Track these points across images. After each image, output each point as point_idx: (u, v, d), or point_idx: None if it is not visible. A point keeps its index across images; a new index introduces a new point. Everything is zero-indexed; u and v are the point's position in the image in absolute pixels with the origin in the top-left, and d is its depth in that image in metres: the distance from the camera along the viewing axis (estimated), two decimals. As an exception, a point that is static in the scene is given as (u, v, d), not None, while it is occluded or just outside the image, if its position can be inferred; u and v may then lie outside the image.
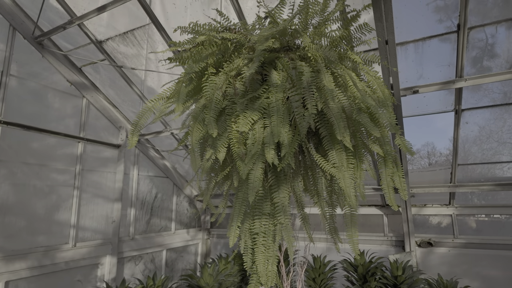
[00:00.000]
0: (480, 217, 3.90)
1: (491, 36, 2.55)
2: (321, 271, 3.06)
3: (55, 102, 3.27)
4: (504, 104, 2.82)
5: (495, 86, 2.90)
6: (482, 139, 3.61)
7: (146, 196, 4.35)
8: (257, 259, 1.84)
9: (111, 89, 3.79)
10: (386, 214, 4.26)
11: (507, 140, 3.45)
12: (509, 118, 3.28)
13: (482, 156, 3.62)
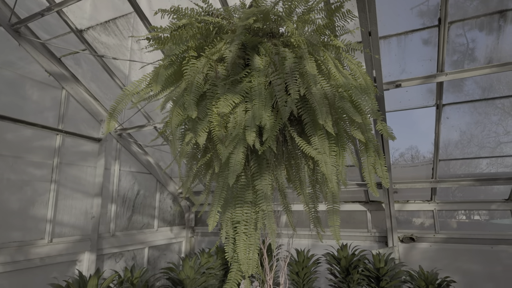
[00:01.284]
0: (461, 216, 3.99)
1: (470, 31, 2.60)
2: (305, 265, 3.04)
3: (33, 93, 3.15)
4: (482, 99, 2.88)
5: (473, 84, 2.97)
6: (463, 143, 3.71)
7: (128, 192, 4.24)
8: (238, 247, 1.80)
9: (93, 83, 3.69)
10: (369, 210, 4.29)
11: (487, 145, 3.57)
12: (489, 123, 3.40)
13: (463, 159, 3.71)
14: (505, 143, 3.31)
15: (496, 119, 3.15)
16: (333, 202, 1.85)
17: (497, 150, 3.38)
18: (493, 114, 3.14)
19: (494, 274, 3.56)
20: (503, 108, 3.09)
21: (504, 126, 3.22)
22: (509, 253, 3.54)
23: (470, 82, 3.01)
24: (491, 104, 2.94)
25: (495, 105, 3.08)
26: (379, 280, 2.68)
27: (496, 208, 3.68)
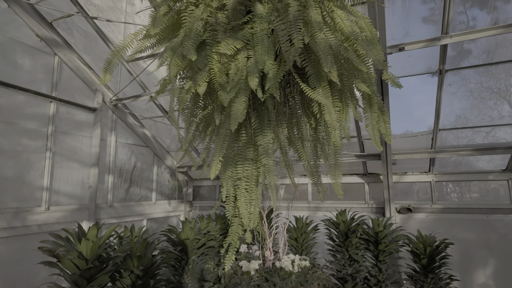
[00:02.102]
0: (458, 187, 4.01)
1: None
2: (303, 230, 3.06)
3: (23, 58, 3.04)
4: (486, 64, 2.83)
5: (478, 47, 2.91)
6: (458, 123, 3.74)
7: (125, 164, 4.20)
8: (239, 202, 1.78)
9: (86, 54, 3.57)
10: (367, 183, 4.31)
11: (481, 129, 3.61)
12: (484, 107, 3.41)
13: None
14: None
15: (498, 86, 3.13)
16: (335, 155, 1.82)
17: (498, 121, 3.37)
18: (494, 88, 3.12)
19: (489, 242, 3.62)
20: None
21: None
22: (504, 222, 3.59)
23: (474, 47, 2.96)
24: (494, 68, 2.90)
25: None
26: (378, 243, 2.70)
27: (493, 178, 3.70)
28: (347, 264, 2.83)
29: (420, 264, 2.57)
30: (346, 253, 2.85)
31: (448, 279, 2.52)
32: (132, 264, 1.63)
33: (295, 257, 2.67)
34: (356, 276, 2.77)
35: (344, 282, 2.81)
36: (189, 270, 2.36)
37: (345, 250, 2.86)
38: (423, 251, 2.52)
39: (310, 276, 2.45)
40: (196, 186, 5.51)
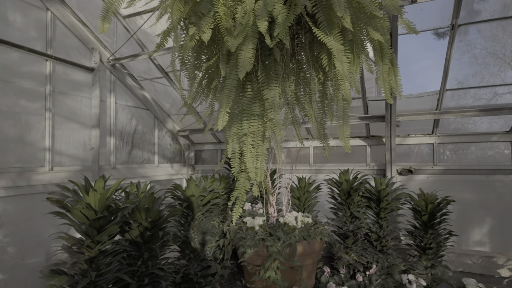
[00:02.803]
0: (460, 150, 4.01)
1: None
2: (306, 190, 3.09)
3: (14, 14, 2.87)
4: (501, 18, 2.70)
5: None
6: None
7: (125, 127, 4.16)
8: (245, 157, 1.77)
9: (80, 11, 3.39)
10: (369, 145, 4.31)
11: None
12: (487, 74, 3.32)
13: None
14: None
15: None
16: (343, 110, 1.77)
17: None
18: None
19: (487, 202, 3.69)
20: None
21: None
22: (504, 182, 3.63)
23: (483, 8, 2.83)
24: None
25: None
26: (380, 201, 2.74)
27: (496, 139, 3.69)
28: (349, 221, 2.90)
29: (421, 220, 2.63)
30: (347, 211, 2.91)
31: (447, 234, 2.59)
32: (140, 216, 1.65)
33: (298, 214, 2.72)
34: (357, 232, 2.85)
35: (345, 238, 2.89)
36: (195, 226, 2.40)
37: (346, 208, 2.91)
38: (424, 208, 2.57)
39: (313, 231, 2.51)
40: (198, 150, 5.51)
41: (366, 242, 2.90)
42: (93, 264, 1.46)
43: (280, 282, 2.23)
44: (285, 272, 2.32)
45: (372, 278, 2.64)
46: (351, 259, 2.78)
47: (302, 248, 2.36)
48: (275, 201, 2.92)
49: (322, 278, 2.77)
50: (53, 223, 2.87)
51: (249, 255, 2.32)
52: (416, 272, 2.64)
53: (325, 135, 2.07)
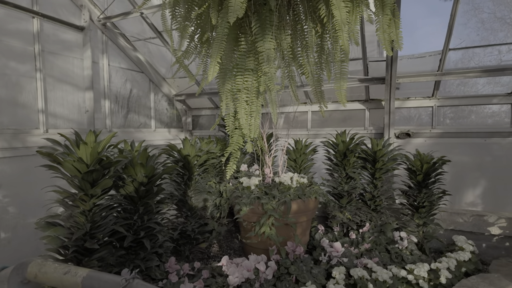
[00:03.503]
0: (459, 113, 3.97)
1: None
2: (302, 152, 3.10)
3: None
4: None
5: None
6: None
7: (120, 90, 4.08)
8: (239, 113, 1.74)
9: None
10: (368, 109, 4.26)
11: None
12: (494, 40, 3.18)
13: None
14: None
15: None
16: (341, 64, 1.71)
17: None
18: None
19: (483, 165, 3.72)
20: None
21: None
22: (501, 145, 3.63)
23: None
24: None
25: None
26: (375, 162, 2.75)
27: (497, 102, 3.64)
28: (344, 182, 2.93)
29: (415, 180, 2.65)
30: (343, 172, 2.93)
31: (441, 193, 2.62)
32: (134, 171, 1.65)
33: (293, 174, 2.74)
34: (352, 192, 2.89)
35: (340, 197, 2.94)
36: (191, 185, 2.43)
37: (342, 169, 2.92)
38: (419, 168, 2.58)
39: (308, 191, 2.54)
40: (195, 115, 5.46)
41: (360, 202, 2.96)
42: (88, 217, 1.48)
43: (274, 237, 2.29)
44: (279, 228, 2.38)
45: (365, 236, 2.72)
46: (345, 217, 2.84)
47: (297, 206, 2.40)
48: (271, 163, 2.93)
49: (316, 235, 2.85)
50: (54, 183, 2.90)
51: (244, 212, 2.36)
52: (408, 229, 2.71)
53: (321, 92, 2.02)
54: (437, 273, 2.27)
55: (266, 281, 1.97)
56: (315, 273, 2.19)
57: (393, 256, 2.50)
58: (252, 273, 1.94)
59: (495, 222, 2.70)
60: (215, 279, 2.02)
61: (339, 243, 2.39)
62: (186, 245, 2.42)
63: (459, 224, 2.79)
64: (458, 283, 2.18)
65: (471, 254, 2.49)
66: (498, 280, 2.19)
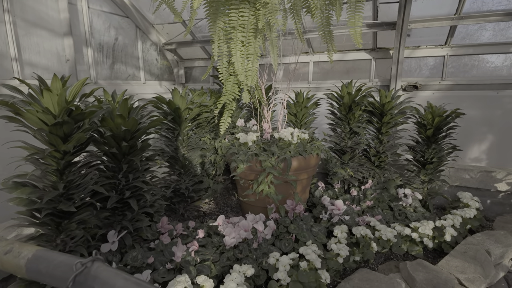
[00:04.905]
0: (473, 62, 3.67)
1: None
2: (303, 105, 2.87)
3: None
4: None
5: None
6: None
7: (103, 37, 3.70)
8: (234, 56, 1.48)
9: None
10: (375, 59, 3.94)
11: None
12: None
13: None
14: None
15: None
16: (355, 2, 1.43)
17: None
18: None
19: (492, 119, 3.53)
20: None
21: None
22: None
23: None
24: None
25: None
26: (383, 115, 2.55)
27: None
28: (347, 137, 2.75)
29: (425, 135, 2.47)
30: (347, 127, 2.73)
31: (451, 149, 2.46)
32: (114, 125, 1.43)
33: (294, 129, 2.55)
34: (355, 148, 2.73)
35: (342, 154, 2.78)
36: (183, 141, 2.24)
37: (346, 123, 2.73)
38: (430, 121, 2.38)
39: (309, 146, 2.36)
40: (187, 67, 5.10)
41: (364, 158, 2.81)
42: (63, 176, 1.30)
43: (273, 195, 2.16)
44: (278, 186, 2.25)
45: (367, 192, 2.61)
46: (346, 174, 2.71)
47: (297, 163, 2.24)
48: (270, 118, 2.72)
49: (316, 192, 2.74)
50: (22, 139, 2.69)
51: (241, 170, 2.21)
52: (413, 186, 2.59)
53: (330, 33, 1.74)
54: (442, 231, 2.19)
55: (264, 241, 1.87)
56: (315, 231, 2.09)
57: (396, 214, 2.41)
58: (250, 233, 1.84)
59: (503, 178, 2.58)
60: (211, 238, 1.92)
61: (340, 201, 2.27)
62: (180, 203, 2.30)
63: (465, 181, 2.68)
64: (463, 241, 2.10)
65: (476, 211, 2.41)
66: (505, 238, 2.12)
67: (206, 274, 1.55)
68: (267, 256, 1.76)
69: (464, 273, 1.82)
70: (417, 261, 1.88)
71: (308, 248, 1.76)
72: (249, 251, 1.77)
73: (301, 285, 1.59)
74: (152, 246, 1.71)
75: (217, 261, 1.68)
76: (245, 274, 1.53)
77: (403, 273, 1.82)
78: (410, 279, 1.75)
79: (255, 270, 1.67)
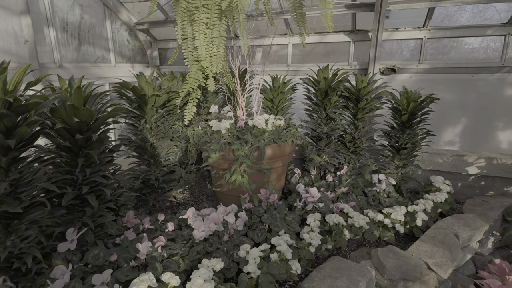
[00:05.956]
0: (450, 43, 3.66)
1: None
2: (280, 90, 2.79)
3: None
4: None
5: None
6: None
7: (67, 16, 3.43)
8: (197, 41, 1.37)
9: None
10: (353, 41, 3.87)
11: None
12: None
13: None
14: None
15: None
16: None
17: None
18: None
19: (466, 102, 3.58)
20: None
21: None
22: (487, 81, 3.45)
23: None
24: None
25: None
26: (359, 101, 2.51)
27: (491, 33, 3.35)
28: (323, 123, 2.70)
29: (400, 120, 2.46)
30: (323, 112, 2.69)
31: (425, 134, 2.47)
32: (66, 116, 1.31)
33: (269, 116, 2.48)
34: (331, 134, 2.69)
35: (319, 140, 2.74)
36: (152, 129, 2.12)
37: (322, 109, 2.67)
38: (405, 107, 2.36)
39: (284, 134, 2.30)
40: (162, 48, 4.86)
41: (340, 144, 2.79)
42: (9, 174, 1.19)
43: (246, 185, 2.11)
44: (252, 175, 2.19)
45: (342, 178, 2.60)
46: (322, 160, 2.68)
47: (272, 151, 2.19)
48: (244, 103, 2.63)
49: (293, 179, 2.71)
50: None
51: (213, 160, 2.13)
52: (387, 171, 2.60)
53: (302, 15, 1.64)
54: (413, 216, 2.22)
55: (236, 232, 1.83)
56: (289, 220, 2.07)
57: (370, 199, 2.42)
58: (220, 225, 1.79)
59: (474, 162, 2.63)
60: (182, 231, 1.86)
61: (315, 189, 2.25)
62: (151, 194, 2.21)
63: (438, 165, 2.71)
64: (433, 225, 2.14)
65: (447, 195, 2.45)
66: (473, 221, 2.17)
67: (174, 270, 1.49)
68: (238, 248, 1.72)
69: (432, 257, 1.86)
70: (388, 247, 1.89)
71: (280, 239, 1.73)
72: (220, 244, 1.73)
73: (272, 276, 1.56)
74: (118, 242, 1.64)
75: (186, 255, 1.63)
76: (214, 269, 1.49)
77: (374, 260, 1.83)
78: (380, 266, 1.76)
79: (225, 263, 1.64)
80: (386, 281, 1.70)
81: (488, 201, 2.50)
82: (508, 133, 3.53)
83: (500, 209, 2.35)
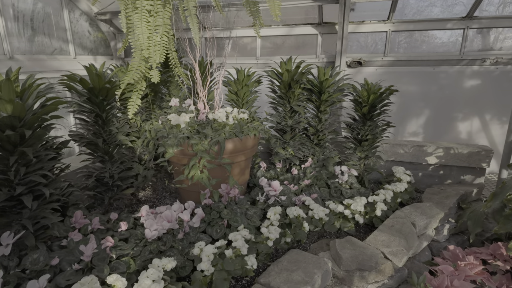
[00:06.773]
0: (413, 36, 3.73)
1: None
2: (245, 83, 2.74)
3: None
4: None
5: None
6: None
7: (18, 3, 3.20)
8: (139, 29, 1.29)
9: None
10: (321, 34, 3.87)
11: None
12: None
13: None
14: None
15: None
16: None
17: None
18: None
19: (428, 94, 3.68)
20: None
21: None
22: (448, 73, 3.56)
23: None
24: None
25: None
26: (321, 93, 2.50)
27: (451, 26, 3.44)
28: (288, 116, 2.69)
29: (361, 112, 2.48)
30: (287, 105, 2.67)
31: (385, 126, 2.50)
32: (-6, 112, 1.21)
33: (233, 109, 2.43)
34: (296, 127, 2.68)
35: (284, 133, 2.73)
36: (104, 124, 2.02)
37: (287, 102, 2.65)
38: (366, 99, 2.38)
39: (246, 128, 2.26)
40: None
41: (304, 137, 2.78)
42: None
43: (205, 180, 2.06)
44: (213, 170, 2.14)
45: (306, 171, 2.60)
46: (287, 153, 2.67)
47: (233, 145, 2.14)
48: (207, 97, 2.56)
49: (258, 173, 2.69)
50: None
51: (171, 155, 2.06)
52: (350, 163, 2.63)
53: (255, 4, 1.59)
54: (374, 206, 2.25)
55: (193, 229, 1.78)
56: (250, 214, 2.05)
57: (333, 191, 2.44)
58: (175, 223, 1.73)
59: (433, 152, 2.70)
60: (136, 230, 1.79)
61: (277, 182, 2.23)
62: (106, 192, 2.12)
63: (400, 155, 2.77)
64: (392, 215, 2.18)
65: (407, 185, 2.51)
66: (430, 209, 2.24)
67: (122, 272, 1.43)
68: (193, 246, 1.67)
69: (389, 246, 1.89)
70: (346, 238, 1.91)
71: (237, 234, 1.70)
72: (174, 242, 1.67)
73: (226, 273, 1.53)
74: (64, 244, 1.55)
75: (138, 255, 1.57)
76: (165, 268, 1.44)
77: (332, 251, 1.84)
78: (337, 257, 1.77)
79: (180, 262, 1.59)
80: (342, 272, 1.71)
81: (445, 190, 2.58)
82: (467, 123, 3.67)
83: (455, 197, 2.44)
